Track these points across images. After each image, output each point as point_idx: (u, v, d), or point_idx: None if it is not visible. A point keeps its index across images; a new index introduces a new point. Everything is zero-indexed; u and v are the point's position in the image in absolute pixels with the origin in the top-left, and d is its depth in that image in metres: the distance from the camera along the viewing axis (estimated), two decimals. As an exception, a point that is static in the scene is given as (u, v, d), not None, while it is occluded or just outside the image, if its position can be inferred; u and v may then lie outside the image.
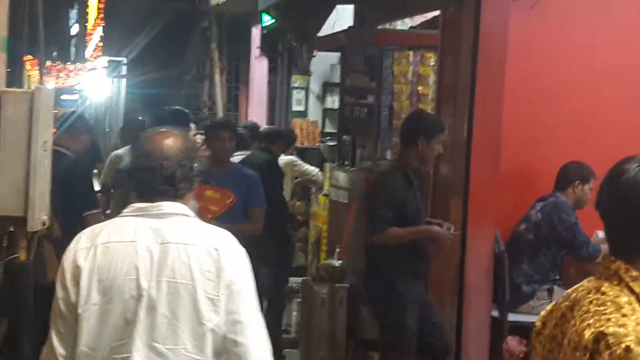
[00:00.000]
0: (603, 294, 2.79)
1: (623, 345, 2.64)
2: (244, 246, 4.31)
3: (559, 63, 8.08)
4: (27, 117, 3.90)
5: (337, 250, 9.81)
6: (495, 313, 7.60)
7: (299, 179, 11.33)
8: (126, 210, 4.03)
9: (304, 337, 9.05)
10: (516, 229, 7.94)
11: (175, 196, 4.02)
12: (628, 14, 8.15)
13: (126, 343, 3.78)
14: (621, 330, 2.67)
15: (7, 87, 4.61)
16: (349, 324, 8.91)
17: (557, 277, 7.91)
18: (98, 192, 8.74)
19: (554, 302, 3.20)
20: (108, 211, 8.64)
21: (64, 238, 5.92)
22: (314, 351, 8.88)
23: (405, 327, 7.11)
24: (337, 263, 9.42)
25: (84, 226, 6.00)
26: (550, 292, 7.81)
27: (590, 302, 2.80)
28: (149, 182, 3.99)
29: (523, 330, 7.59)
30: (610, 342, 2.66)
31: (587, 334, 2.73)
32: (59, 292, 3.83)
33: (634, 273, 2.77)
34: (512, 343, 7.53)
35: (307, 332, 8.97)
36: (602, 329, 2.70)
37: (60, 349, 3.82)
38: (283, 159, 10.51)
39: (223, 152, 7.91)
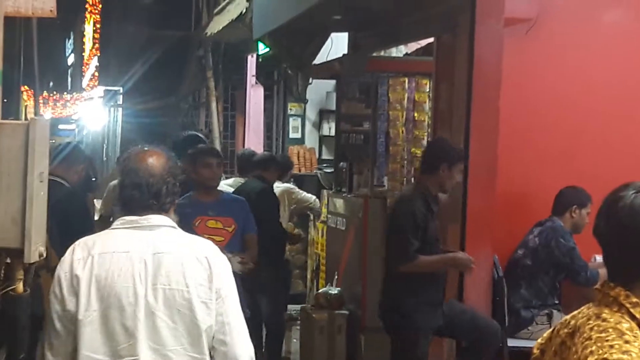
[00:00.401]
0: (604, 320, 2.78)
1: None
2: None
3: (553, 88, 8.10)
4: (23, 148, 3.89)
5: (336, 277, 9.82)
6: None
7: (295, 207, 11.31)
8: (116, 223, 4.30)
9: (304, 363, 9.06)
10: (514, 255, 7.94)
11: (161, 210, 4.29)
12: (617, 39, 8.19)
13: (131, 345, 4.07)
14: (625, 357, 2.67)
15: (3, 118, 4.61)
16: (348, 350, 8.91)
17: (556, 302, 7.91)
18: (96, 221, 8.71)
19: (551, 329, 3.19)
20: None
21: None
22: (314, 378, 8.90)
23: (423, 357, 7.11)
24: (335, 290, 9.43)
25: None
26: (549, 316, 7.81)
27: (592, 329, 2.78)
28: (137, 198, 4.25)
29: (522, 356, 7.56)
30: None
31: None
32: (53, 304, 4.04)
33: (634, 299, 2.77)
34: (512, 366, 7.54)
35: (307, 359, 8.97)
36: (605, 355, 2.68)
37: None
38: (279, 186, 10.50)
39: (212, 179, 7.80)
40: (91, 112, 32.70)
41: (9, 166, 3.83)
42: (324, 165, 13.27)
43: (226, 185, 9.99)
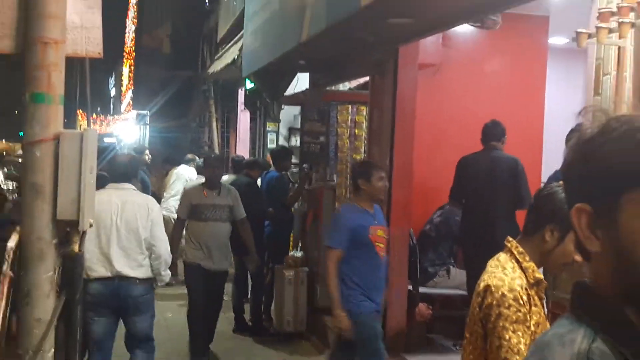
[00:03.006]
0: (499, 261, 2.89)
1: (499, 292, 2.74)
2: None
3: (451, 114, 8.16)
4: (79, 150, 3.87)
5: (299, 245, 9.85)
6: (409, 287, 7.64)
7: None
8: (107, 187, 6.07)
9: (277, 305, 9.05)
10: (423, 229, 7.99)
11: (129, 181, 6.19)
12: (494, 81, 8.28)
13: (108, 244, 5.88)
14: (498, 282, 2.77)
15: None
16: (308, 296, 8.93)
17: (453, 262, 7.98)
18: (175, 221, 8.15)
19: None
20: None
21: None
22: (284, 315, 8.89)
23: None
24: (299, 254, 9.43)
25: None
26: (448, 271, 7.87)
27: (490, 265, 2.90)
28: (118, 174, 6.20)
29: (429, 299, 7.66)
30: (492, 290, 2.76)
31: (481, 285, 2.83)
32: None
33: (521, 249, 2.84)
34: (422, 308, 7.57)
35: (279, 302, 8.98)
36: (488, 281, 2.80)
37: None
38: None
39: (382, 193, 7.22)
40: (126, 128, 32.42)
41: (69, 163, 3.81)
42: (292, 166, 13.24)
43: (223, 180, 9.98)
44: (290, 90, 11.92)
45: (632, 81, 4.04)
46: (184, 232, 7.77)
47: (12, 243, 3.88)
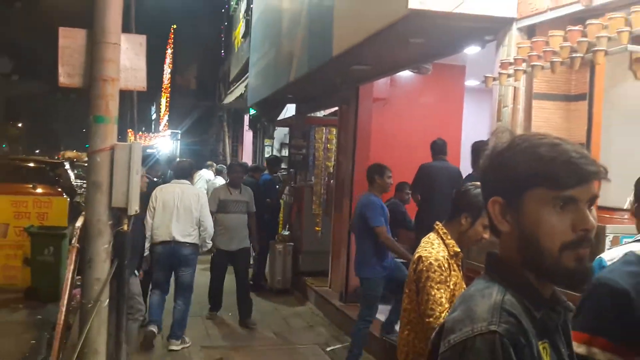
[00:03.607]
0: (429, 238, 2.89)
1: (428, 261, 2.74)
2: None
3: (396, 135, 8.14)
4: (128, 157, 3.84)
5: (287, 226, 9.81)
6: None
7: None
8: (172, 182, 6.52)
9: (271, 270, 8.99)
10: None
11: (186, 178, 6.56)
12: (428, 110, 8.27)
13: (170, 220, 6.16)
14: (427, 254, 2.77)
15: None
16: (293, 265, 8.90)
17: (396, 240, 7.88)
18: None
19: None
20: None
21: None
22: (275, 277, 8.85)
23: None
24: (287, 232, 9.40)
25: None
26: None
27: (423, 242, 2.88)
28: (180, 173, 6.54)
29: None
30: (423, 259, 2.76)
31: (416, 255, 2.83)
32: (151, 203, 6.24)
33: (445, 230, 2.84)
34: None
35: (271, 269, 8.92)
36: (420, 253, 2.80)
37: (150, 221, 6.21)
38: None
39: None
40: (163, 142, 32.13)
41: (121, 166, 3.79)
42: (282, 170, 13.22)
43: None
44: (282, 116, 11.91)
45: (524, 111, 4.07)
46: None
47: (79, 223, 3.86)
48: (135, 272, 5.59)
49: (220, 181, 11.28)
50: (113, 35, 3.81)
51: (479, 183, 3.28)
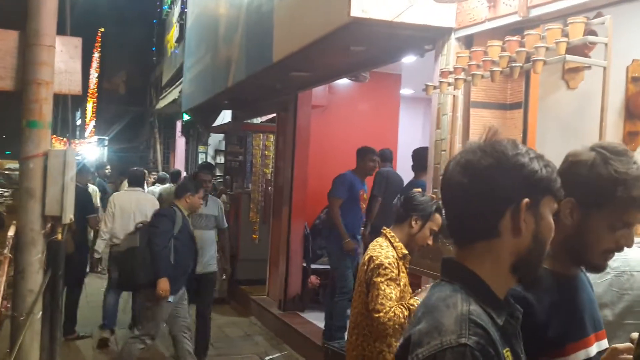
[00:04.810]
0: (377, 242, 2.98)
1: (379, 259, 2.84)
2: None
3: (333, 140, 8.22)
4: (62, 163, 3.73)
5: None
6: (304, 264, 7.64)
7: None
8: (127, 189, 7.04)
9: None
10: (314, 222, 7.96)
11: (140, 186, 7.00)
12: (363, 117, 8.40)
13: (127, 223, 6.32)
14: (378, 254, 2.86)
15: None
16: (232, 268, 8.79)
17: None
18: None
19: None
20: None
21: (77, 229, 6.15)
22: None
23: None
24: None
25: (86, 222, 6.32)
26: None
27: (371, 245, 2.98)
28: (135, 181, 6.99)
29: (317, 272, 7.67)
30: (373, 258, 2.86)
31: (366, 257, 2.92)
32: (109, 210, 6.66)
33: (392, 234, 2.92)
34: (312, 279, 7.60)
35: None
36: (371, 253, 2.89)
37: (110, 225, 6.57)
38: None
39: (373, 170, 6.73)
40: (90, 149, 31.12)
41: (55, 173, 3.67)
42: (218, 177, 13.06)
43: (161, 189, 9.72)
44: (217, 122, 11.78)
45: (462, 119, 4.19)
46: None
47: (11, 232, 3.70)
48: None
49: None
50: (47, 38, 3.68)
51: (420, 189, 3.37)
